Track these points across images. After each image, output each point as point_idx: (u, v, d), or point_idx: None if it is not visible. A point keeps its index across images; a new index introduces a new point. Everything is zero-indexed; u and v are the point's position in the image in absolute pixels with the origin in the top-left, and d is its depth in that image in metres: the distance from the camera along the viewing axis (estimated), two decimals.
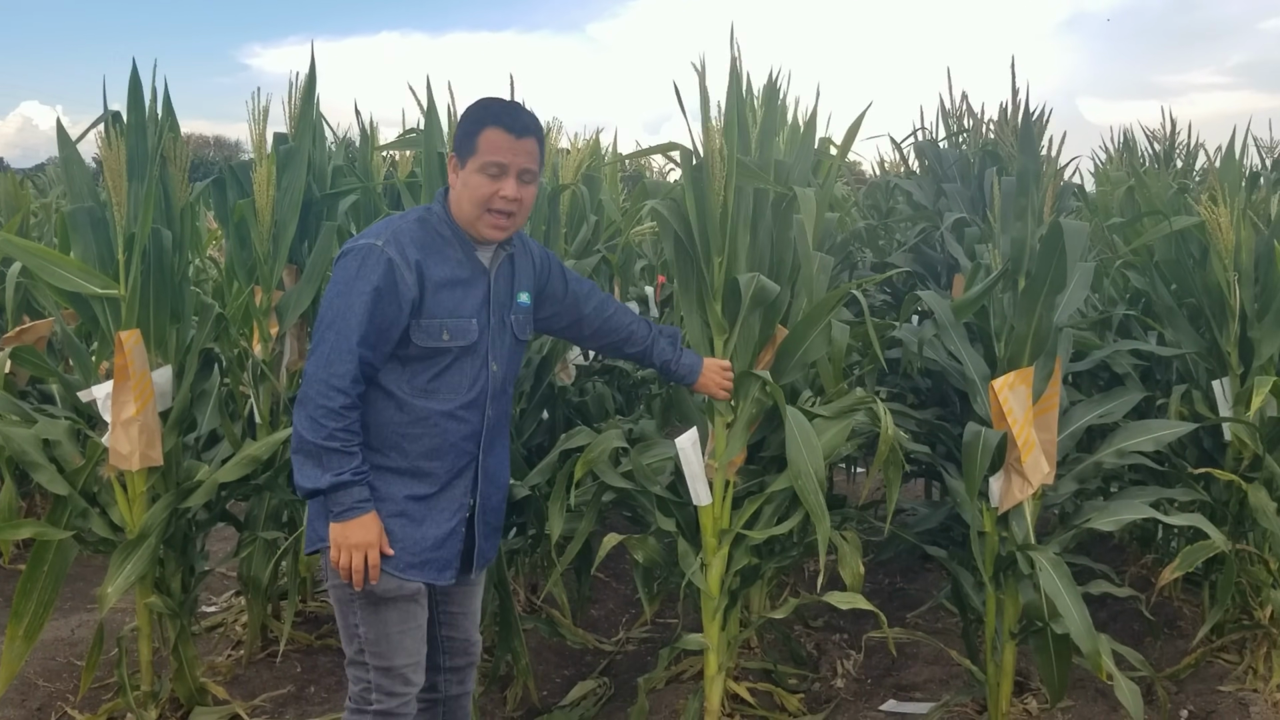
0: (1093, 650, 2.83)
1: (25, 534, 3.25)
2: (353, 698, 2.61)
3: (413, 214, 2.59)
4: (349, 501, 2.43)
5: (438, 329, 2.50)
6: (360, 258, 2.43)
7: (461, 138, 2.54)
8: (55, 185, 8.39)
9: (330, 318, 2.43)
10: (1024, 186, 3.02)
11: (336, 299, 2.43)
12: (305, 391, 2.42)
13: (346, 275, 2.44)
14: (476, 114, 2.54)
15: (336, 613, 2.61)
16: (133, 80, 3.26)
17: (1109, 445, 3.36)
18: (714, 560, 3.16)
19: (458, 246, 2.58)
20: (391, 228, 2.51)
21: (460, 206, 2.56)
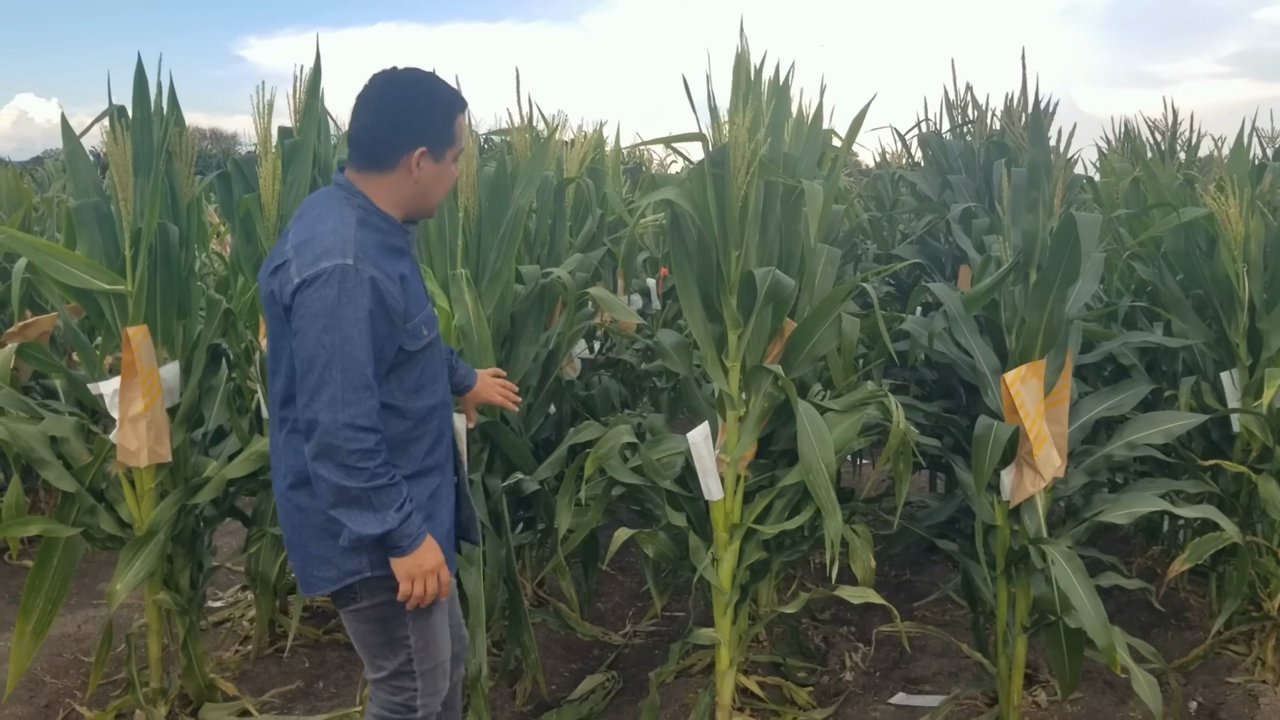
0: (1108, 645, 2.83)
1: (33, 531, 3.24)
2: (391, 708, 2.50)
3: (349, 218, 2.30)
4: (413, 531, 2.29)
5: (418, 328, 2.39)
6: (337, 283, 2.18)
7: (436, 128, 2.36)
8: (54, 179, 8.37)
9: (326, 356, 2.17)
10: (1035, 178, 3.01)
11: (325, 333, 2.17)
12: (327, 442, 2.17)
13: (327, 304, 2.17)
14: (443, 100, 2.38)
15: (373, 631, 2.46)
16: (138, 74, 3.24)
17: (1119, 438, 3.36)
18: (725, 555, 3.16)
19: (397, 235, 2.41)
20: (348, 240, 2.24)
21: (423, 199, 2.42)
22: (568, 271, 3.69)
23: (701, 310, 3.05)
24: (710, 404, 3.35)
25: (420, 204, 2.44)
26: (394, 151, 2.34)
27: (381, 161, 2.35)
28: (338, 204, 2.35)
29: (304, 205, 2.45)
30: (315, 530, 2.37)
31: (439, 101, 2.37)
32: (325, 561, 2.38)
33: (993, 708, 3.55)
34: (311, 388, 2.19)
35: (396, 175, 2.36)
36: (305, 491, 2.35)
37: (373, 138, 2.36)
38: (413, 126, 2.34)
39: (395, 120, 2.34)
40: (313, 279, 2.19)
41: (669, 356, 3.38)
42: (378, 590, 2.39)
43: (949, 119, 5.13)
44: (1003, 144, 4.52)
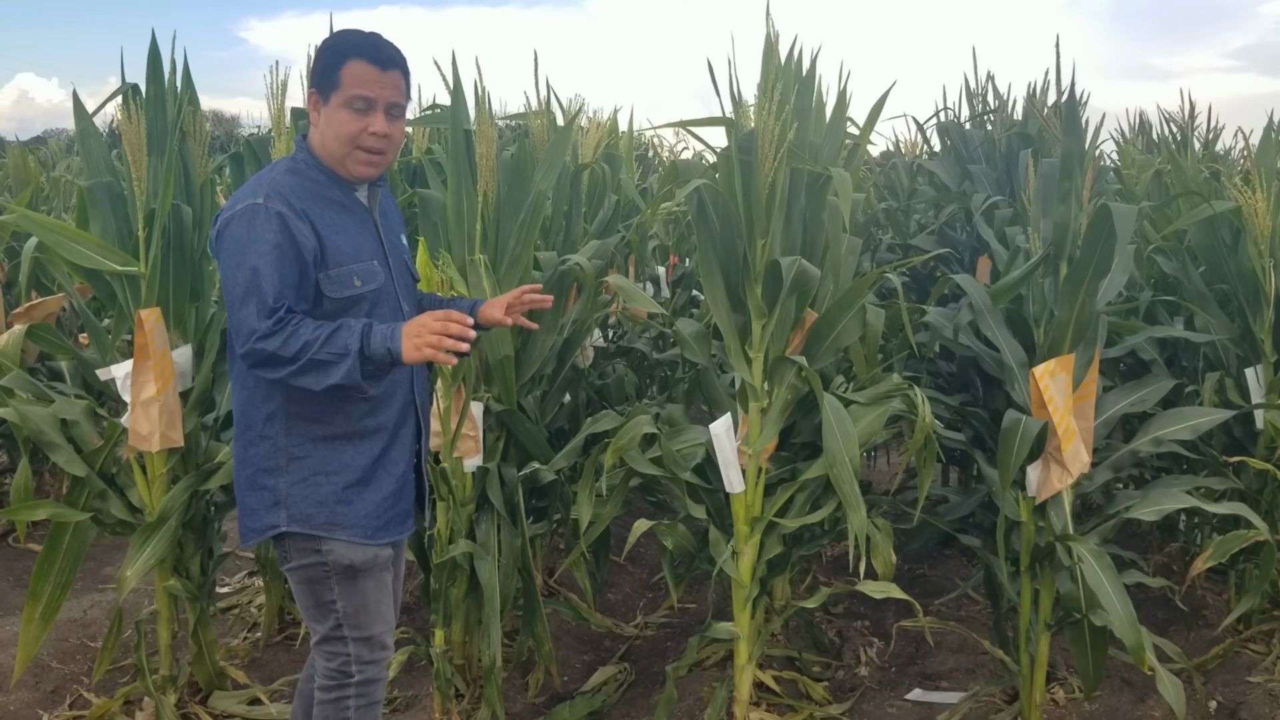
0: (1136, 644, 2.78)
1: (42, 515, 3.19)
2: (328, 674, 2.52)
3: (280, 166, 2.42)
4: (382, 333, 2.24)
5: (347, 276, 2.37)
6: (247, 220, 2.26)
7: (322, 71, 2.39)
8: (58, 159, 8.31)
9: (242, 291, 2.23)
10: (1068, 169, 2.95)
11: (238, 270, 2.24)
12: (265, 361, 2.23)
13: (239, 241, 2.25)
14: (336, 45, 2.41)
15: (304, 593, 2.50)
16: (152, 52, 3.18)
17: (1145, 433, 3.31)
18: (746, 548, 3.11)
19: (336, 189, 2.44)
20: (265, 183, 2.33)
21: (325, 146, 2.42)
22: (586, 258, 3.63)
23: (725, 299, 3.01)
24: (730, 395, 3.30)
25: (329, 154, 2.44)
26: (308, 98, 2.48)
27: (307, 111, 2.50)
28: (281, 160, 2.49)
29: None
30: (245, 482, 2.46)
31: (330, 45, 2.44)
32: (251, 513, 2.46)
33: (1011, 705, 3.51)
34: (235, 325, 2.27)
35: (310, 120, 2.47)
36: (240, 442, 2.46)
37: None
38: (312, 73, 2.46)
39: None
40: (227, 221, 2.31)
41: (688, 346, 3.33)
42: (304, 551, 2.44)
43: (969, 108, 5.07)
44: (1026, 134, 4.46)
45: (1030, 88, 4.55)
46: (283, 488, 2.42)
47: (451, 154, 3.31)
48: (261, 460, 2.42)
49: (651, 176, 7.26)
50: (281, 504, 2.41)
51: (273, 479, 2.42)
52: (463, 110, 3.36)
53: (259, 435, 2.42)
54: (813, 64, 3.15)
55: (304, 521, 2.41)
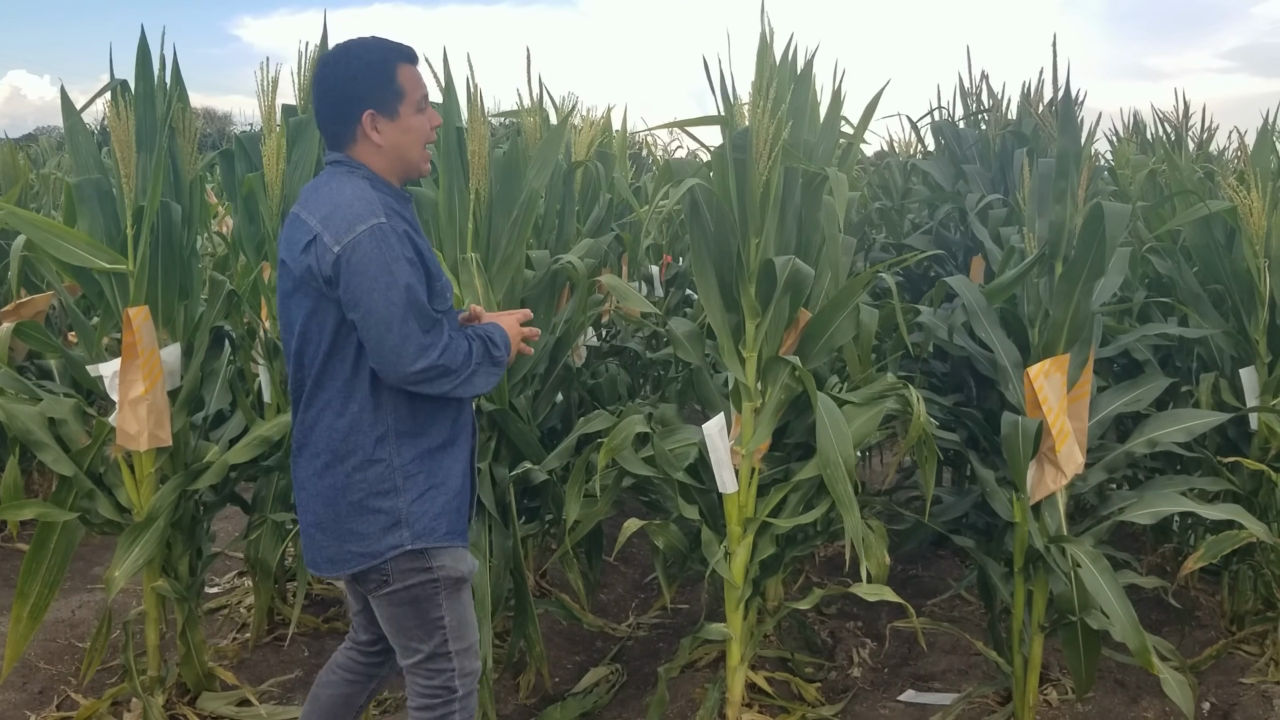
0: (1141, 647, 2.77)
1: (29, 514, 3.16)
2: (430, 692, 2.50)
3: (362, 184, 2.33)
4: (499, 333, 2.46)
5: (443, 289, 2.40)
6: (379, 240, 2.22)
7: (377, 90, 2.33)
8: (49, 156, 8.27)
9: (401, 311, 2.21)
10: (1064, 169, 2.94)
11: (389, 290, 2.20)
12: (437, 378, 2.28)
13: (378, 263, 2.20)
14: (378, 59, 2.34)
15: (406, 614, 2.46)
16: (141, 48, 3.15)
17: (1140, 434, 3.30)
18: (738, 549, 3.09)
19: (403, 202, 2.42)
20: (371, 201, 2.27)
21: (401, 158, 2.39)
22: (579, 257, 3.61)
23: (719, 299, 2.99)
24: (723, 394, 3.28)
25: (402, 165, 2.42)
26: (347, 124, 2.35)
27: (342, 138, 2.38)
28: (345, 176, 2.36)
29: (310, 187, 2.43)
30: (353, 508, 2.37)
31: (369, 63, 2.34)
32: (363, 537, 2.38)
33: (1005, 706, 3.50)
34: (395, 346, 2.22)
35: (362, 144, 2.36)
36: (342, 469, 2.36)
37: (326, 118, 2.39)
38: (351, 95, 2.34)
39: (335, 96, 2.36)
40: (354, 244, 2.21)
41: (681, 345, 3.32)
42: (409, 572, 2.40)
43: (963, 107, 5.06)
44: (1020, 133, 4.45)
45: (1025, 87, 4.54)
46: (402, 507, 2.38)
47: (443, 151, 3.29)
48: (374, 484, 2.36)
49: (645, 175, 7.24)
50: (403, 523, 2.37)
51: (390, 500, 2.37)
52: (455, 108, 3.34)
53: (368, 460, 2.35)
54: (808, 63, 3.13)
55: (428, 536, 2.39)
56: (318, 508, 2.41)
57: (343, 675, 2.73)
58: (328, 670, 2.75)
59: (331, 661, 2.77)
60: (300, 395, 2.41)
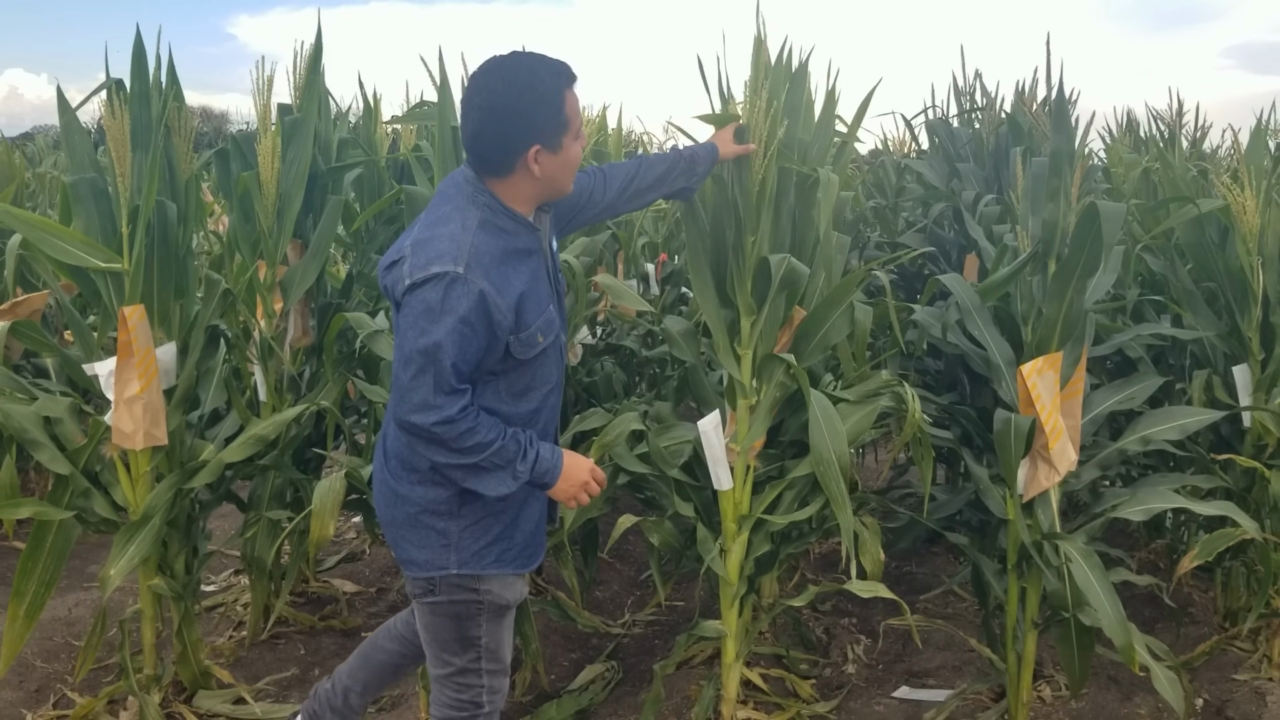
0: (1126, 644, 2.78)
1: (25, 513, 3.15)
2: (458, 705, 2.52)
3: (471, 220, 2.24)
4: (547, 467, 2.35)
5: (533, 336, 2.31)
6: (444, 289, 2.13)
7: (547, 121, 2.23)
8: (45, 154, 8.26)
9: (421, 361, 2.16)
10: (1057, 167, 2.95)
11: (422, 337, 2.15)
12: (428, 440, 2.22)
13: (429, 308, 2.15)
14: (549, 88, 2.23)
15: (447, 626, 2.46)
16: (136, 46, 3.15)
17: (1133, 432, 3.31)
18: (734, 546, 3.10)
19: (524, 235, 2.33)
20: (465, 247, 2.17)
21: (552, 187, 2.33)
22: (575, 256, 3.62)
23: (715, 296, 3.00)
24: (718, 392, 3.29)
25: (550, 193, 2.38)
26: (509, 156, 2.26)
27: (498, 166, 2.28)
28: (463, 201, 2.28)
29: (436, 195, 2.38)
30: (409, 520, 2.41)
31: (541, 94, 2.22)
32: (417, 548, 2.41)
33: (998, 702, 3.51)
34: (403, 388, 2.20)
35: (517, 176, 2.28)
36: (407, 480, 2.39)
37: (485, 145, 2.27)
38: (520, 128, 2.23)
39: (500, 125, 2.23)
40: (422, 282, 2.16)
41: (676, 343, 3.32)
42: (457, 589, 2.42)
43: (957, 106, 5.06)
44: (1014, 131, 4.46)
45: (1019, 85, 4.55)
46: (454, 531, 2.38)
47: (439, 151, 3.29)
48: (431, 503, 2.37)
49: None
50: (452, 547, 2.38)
51: (443, 522, 2.38)
52: (450, 107, 3.34)
53: (426, 479, 2.36)
54: (802, 62, 3.14)
55: (474, 563, 2.40)
56: (383, 507, 2.47)
57: (398, 648, 2.83)
58: (386, 637, 2.86)
59: (392, 627, 2.86)
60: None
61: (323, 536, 3.16)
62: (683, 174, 2.79)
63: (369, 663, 2.86)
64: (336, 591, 4.42)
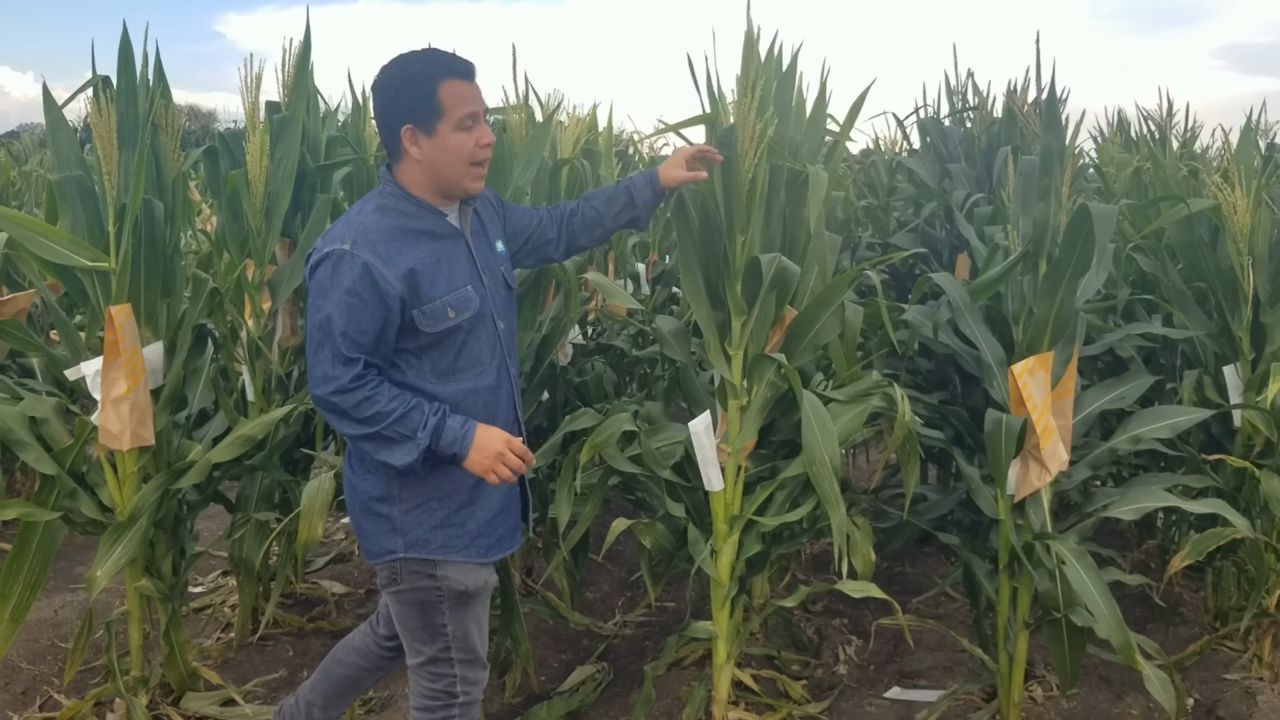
0: (1125, 644, 2.78)
1: (11, 514, 3.12)
2: (431, 694, 2.57)
3: (369, 204, 2.43)
4: (454, 436, 2.37)
5: (441, 310, 2.39)
6: (332, 267, 2.31)
7: (416, 104, 2.35)
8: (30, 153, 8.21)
9: (319, 336, 2.32)
10: (1048, 166, 2.94)
11: (316, 313, 2.33)
12: (330, 410, 2.35)
13: (321, 287, 2.33)
14: (420, 73, 2.37)
15: (412, 614, 2.54)
16: (123, 44, 3.12)
17: (1124, 431, 3.31)
18: (725, 547, 3.09)
19: (428, 218, 2.45)
20: (354, 227, 2.34)
21: (438, 174, 2.42)
22: None
23: (705, 296, 2.98)
24: (709, 392, 3.27)
25: (442, 181, 2.45)
26: (392, 137, 2.42)
27: (390, 150, 2.45)
28: (371, 194, 2.48)
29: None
30: (360, 507, 2.52)
31: (412, 77, 2.38)
32: (369, 536, 2.52)
33: (990, 703, 3.51)
34: (310, 363, 2.35)
35: (405, 159, 2.43)
36: (360, 468, 2.51)
37: (379, 129, 2.46)
38: (394, 109, 2.39)
39: (382, 108, 2.42)
40: (316, 264, 2.35)
41: (667, 343, 3.31)
42: (416, 575, 2.49)
43: (949, 105, 5.06)
44: (1005, 131, 4.45)
45: (1010, 85, 4.54)
46: (397, 515, 2.47)
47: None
48: (374, 489, 2.47)
49: (631, 172, 7.23)
50: (398, 530, 2.47)
51: (387, 507, 2.47)
52: None
53: (373, 465, 2.45)
54: (793, 60, 3.12)
55: (420, 547, 2.47)
56: (347, 500, 2.59)
57: (356, 660, 2.86)
58: (344, 650, 2.88)
59: (349, 642, 2.89)
60: None
61: (311, 538, 3.15)
62: (626, 206, 2.86)
63: (329, 676, 2.89)
64: (325, 593, 4.40)
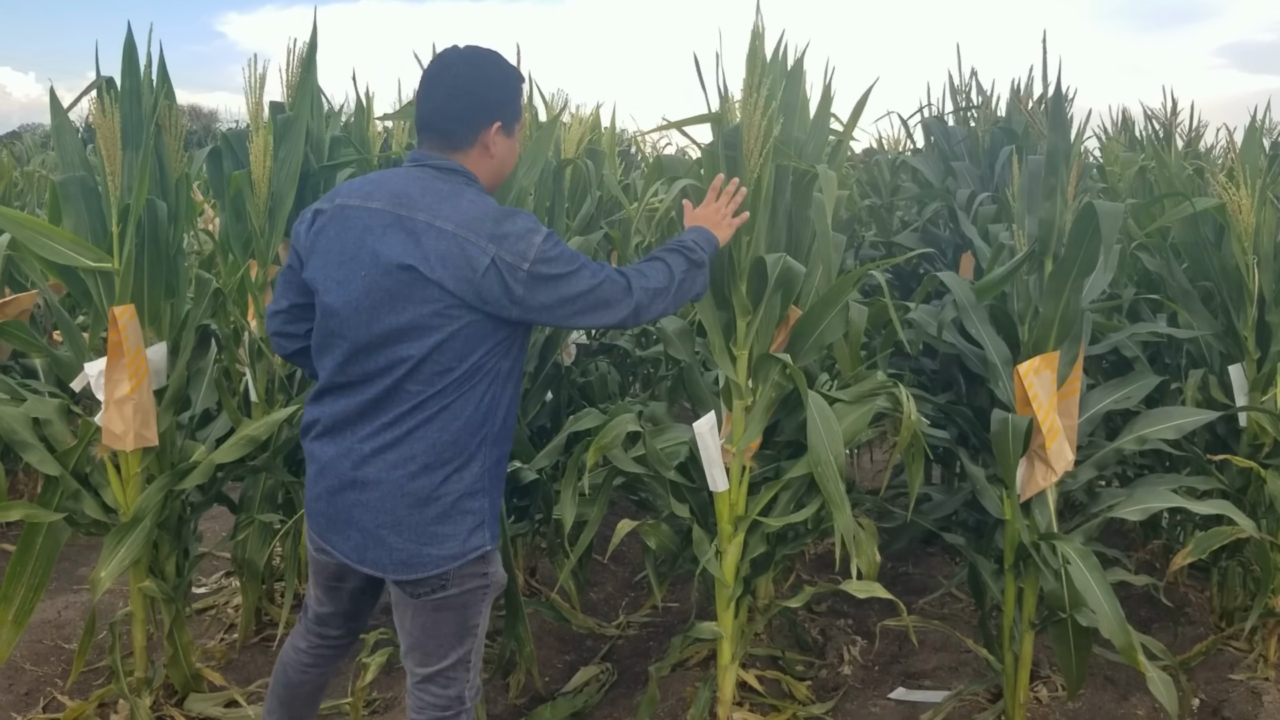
0: (1127, 645, 2.77)
1: (14, 516, 3.12)
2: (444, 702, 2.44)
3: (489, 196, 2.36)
4: (705, 239, 2.58)
5: None
6: (554, 242, 2.27)
7: (508, 102, 2.37)
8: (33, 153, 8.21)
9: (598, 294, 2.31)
10: (1053, 166, 2.93)
11: (573, 261, 2.29)
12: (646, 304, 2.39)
13: (561, 252, 2.28)
14: (514, 73, 2.40)
15: (452, 619, 2.40)
16: (127, 45, 3.12)
17: (1130, 431, 3.30)
18: (729, 547, 3.08)
19: None
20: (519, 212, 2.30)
21: (500, 175, 2.45)
22: None
23: (710, 296, 2.97)
24: (714, 392, 3.27)
25: (496, 180, 2.45)
26: (472, 129, 2.34)
27: (460, 141, 2.35)
28: (466, 187, 2.33)
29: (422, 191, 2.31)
30: (445, 510, 2.31)
31: (509, 74, 2.38)
32: (448, 539, 2.32)
33: (995, 703, 3.50)
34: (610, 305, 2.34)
35: (474, 153, 2.36)
36: (441, 473, 2.30)
37: (449, 116, 2.34)
38: (489, 101, 2.34)
39: (471, 100, 2.33)
40: (547, 249, 2.25)
41: (671, 343, 3.31)
42: (469, 575, 2.36)
43: (952, 104, 5.05)
44: (1012, 130, 4.45)
45: (1014, 84, 4.54)
46: (486, 508, 2.38)
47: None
48: (469, 485, 2.33)
49: (634, 172, 7.22)
50: (485, 524, 2.37)
51: (478, 501, 2.35)
52: None
53: (468, 460, 2.32)
54: (798, 60, 3.12)
55: (496, 537, 2.40)
56: (399, 509, 2.31)
57: (316, 672, 2.72)
58: (296, 671, 2.70)
59: (296, 663, 2.70)
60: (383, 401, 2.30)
61: None
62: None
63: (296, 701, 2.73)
64: None
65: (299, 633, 2.73)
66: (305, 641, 2.70)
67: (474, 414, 2.31)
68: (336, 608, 2.61)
